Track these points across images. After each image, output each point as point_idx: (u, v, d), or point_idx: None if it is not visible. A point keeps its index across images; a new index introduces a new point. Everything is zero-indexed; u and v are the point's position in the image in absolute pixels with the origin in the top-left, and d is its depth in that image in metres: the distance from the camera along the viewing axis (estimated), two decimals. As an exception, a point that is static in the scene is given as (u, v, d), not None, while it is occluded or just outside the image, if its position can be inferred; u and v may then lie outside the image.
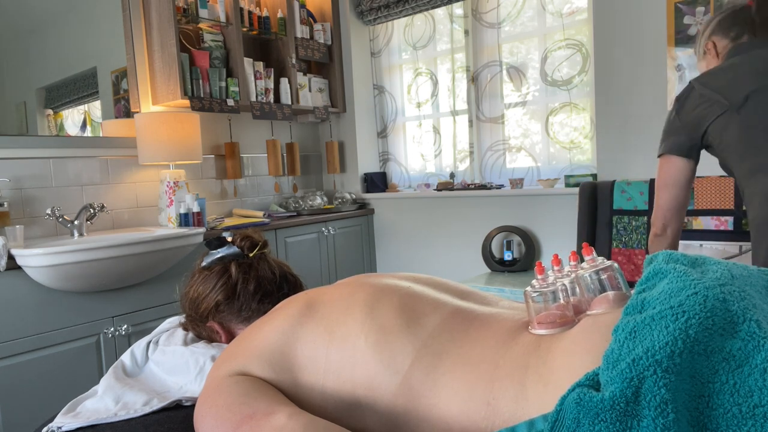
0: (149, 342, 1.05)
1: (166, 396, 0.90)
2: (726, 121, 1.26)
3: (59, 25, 2.37)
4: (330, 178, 3.61)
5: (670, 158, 1.38)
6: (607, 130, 2.52)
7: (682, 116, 1.35)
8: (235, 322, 1.01)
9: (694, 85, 1.33)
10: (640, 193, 2.29)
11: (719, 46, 1.41)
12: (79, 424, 0.85)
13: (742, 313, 0.52)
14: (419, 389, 0.64)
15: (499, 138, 3.06)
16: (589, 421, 0.47)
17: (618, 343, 0.51)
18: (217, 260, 1.02)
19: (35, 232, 2.26)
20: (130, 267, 2.02)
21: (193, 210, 2.50)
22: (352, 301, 0.73)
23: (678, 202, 1.40)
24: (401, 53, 3.42)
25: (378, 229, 3.42)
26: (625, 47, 2.43)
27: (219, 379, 0.73)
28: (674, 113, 1.37)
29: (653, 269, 0.62)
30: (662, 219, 1.42)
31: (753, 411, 0.46)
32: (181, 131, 2.47)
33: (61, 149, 2.33)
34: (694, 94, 1.33)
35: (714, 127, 1.29)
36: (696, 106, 1.31)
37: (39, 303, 1.91)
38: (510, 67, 2.98)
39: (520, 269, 2.79)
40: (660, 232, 1.44)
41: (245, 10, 2.92)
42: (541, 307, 0.64)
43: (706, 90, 1.30)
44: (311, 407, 0.69)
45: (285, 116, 3.10)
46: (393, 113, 3.50)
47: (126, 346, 2.10)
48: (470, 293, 0.79)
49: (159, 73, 2.63)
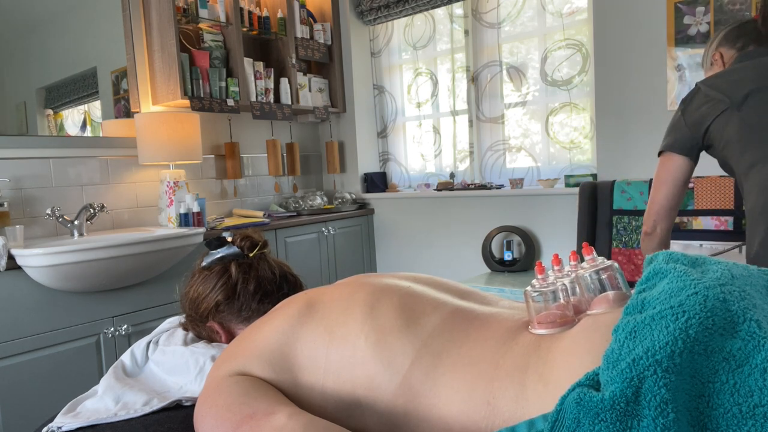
0: (149, 342, 1.05)
1: (166, 396, 0.90)
2: (727, 118, 1.29)
3: (59, 25, 2.37)
4: (330, 178, 3.61)
5: (671, 156, 1.40)
6: (607, 130, 2.52)
7: (686, 116, 1.37)
8: (235, 322, 1.01)
9: (700, 86, 1.36)
10: (640, 193, 2.29)
11: (726, 56, 1.44)
12: (79, 424, 0.85)
13: (743, 313, 0.52)
14: (419, 389, 0.63)
15: (499, 138, 3.06)
16: (590, 420, 0.47)
17: (618, 342, 0.51)
18: (217, 260, 1.02)
19: (35, 232, 2.26)
20: (130, 267, 2.02)
21: (193, 210, 2.50)
22: (352, 301, 0.73)
23: (672, 201, 1.41)
24: (401, 53, 3.42)
25: (378, 229, 3.42)
26: (625, 47, 2.43)
27: (219, 379, 0.73)
28: (680, 113, 1.39)
29: (653, 269, 0.62)
30: (654, 216, 1.43)
31: (753, 411, 0.46)
32: (181, 131, 2.47)
33: (61, 149, 2.33)
34: (699, 94, 1.35)
35: (715, 125, 1.31)
36: (700, 106, 1.34)
37: (39, 303, 1.91)
38: (510, 67, 2.98)
39: (520, 269, 2.79)
40: (650, 231, 1.44)
41: (245, 10, 2.92)
42: (542, 306, 0.64)
43: (711, 90, 1.32)
44: (311, 407, 0.69)
45: (285, 116, 3.10)
46: (393, 113, 3.50)
47: (126, 346, 2.10)
48: (470, 293, 0.79)
49: (159, 73, 2.63)
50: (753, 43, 1.40)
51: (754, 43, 1.40)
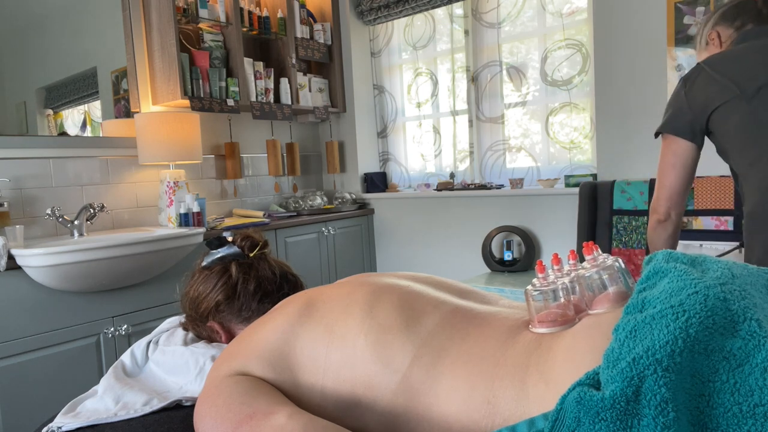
0: (149, 342, 1.05)
1: (166, 396, 0.90)
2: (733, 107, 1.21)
3: (59, 25, 2.37)
4: (330, 178, 3.61)
5: (675, 139, 1.31)
6: (607, 130, 2.52)
7: (689, 96, 1.28)
8: (235, 322, 1.01)
9: (703, 66, 1.27)
10: (640, 193, 2.29)
11: (723, 35, 1.36)
12: (79, 424, 0.85)
13: (743, 312, 0.52)
14: (419, 388, 0.63)
15: (499, 138, 3.06)
16: (590, 419, 0.47)
17: (618, 342, 0.51)
18: (217, 260, 1.02)
19: (35, 232, 2.26)
20: (130, 267, 2.02)
21: (193, 210, 2.50)
22: (351, 300, 0.73)
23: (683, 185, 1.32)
24: (401, 53, 3.42)
25: (378, 229, 3.42)
26: (625, 47, 2.43)
27: (219, 379, 0.73)
28: (681, 91, 1.29)
29: (653, 268, 0.62)
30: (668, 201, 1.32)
31: (753, 410, 0.46)
32: (181, 131, 2.47)
33: (61, 149, 2.33)
34: (704, 74, 1.27)
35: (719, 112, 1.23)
36: (705, 87, 1.26)
37: (39, 303, 1.91)
38: (510, 67, 2.98)
39: (520, 269, 2.79)
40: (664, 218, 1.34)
41: (245, 10, 2.92)
42: (542, 305, 0.64)
43: (717, 74, 1.24)
44: (311, 407, 0.69)
45: (285, 116, 3.10)
46: (393, 113, 3.50)
47: (126, 346, 2.10)
48: (470, 292, 0.79)
49: (159, 73, 2.63)
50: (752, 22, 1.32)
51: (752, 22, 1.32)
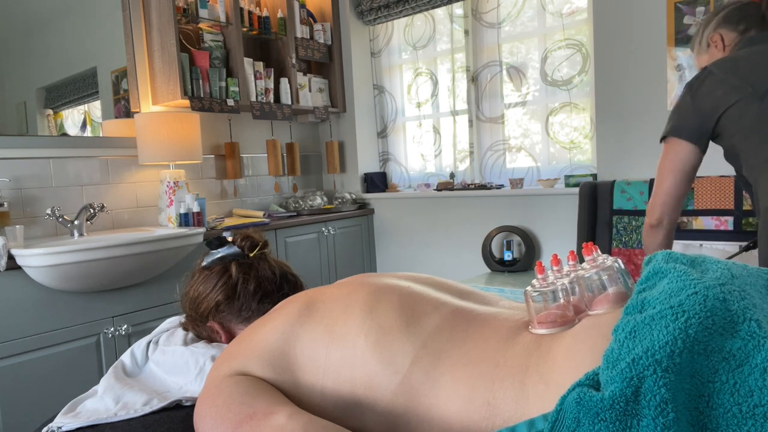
0: (149, 342, 1.05)
1: (166, 396, 0.90)
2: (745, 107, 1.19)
3: (59, 25, 2.37)
4: (330, 178, 3.61)
5: (679, 142, 1.29)
6: (607, 130, 2.52)
7: (696, 101, 1.26)
8: (235, 322, 1.01)
9: (711, 69, 1.26)
10: (640, 193, 2.29)
11: (727, 39, 1.35)
12: (79, 424, 0.85)
13: (742, 313, 0.52)
14: (419, 389, 0.63)
15: (499, 138, 3.06)
16: (590, 420, 0.47)
17: (618, 342, 0.51)
18: (217, 260, 1.02)
19: (35, 232, 2.26)
20: (130, 267, 2.02)
21: (193, 210, 2.50)
22: (351, 300, 0.73)
23: (680, 192, 1.31)
24: (401, 53, 3.42)
25: (378, 229, 3.42)
26: (625, 47, 2.43)
27: (219, 379, 0.73)
28: (688, 97, 1.28)
29: (653, 268, 0.62)
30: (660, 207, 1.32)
31: (753, 411, 0.46)
32: (181, 131, 2.47)
33: (61, 149, 2.33)
34: (711, 78, 1.25)
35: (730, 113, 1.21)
36: (713, 90, 1.24)
37: (39, 303, 1.91)
38: (510, 67, 2.98)
39: (520, 269, 2.79)
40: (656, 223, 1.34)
41: (245, 10, 2.92)
42: (542, 306, 0.64)
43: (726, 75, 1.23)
44: (311, 407, 0.69)
45: (285, 116, 3.10)
46: (393, 113, 3.50)
47: (126, 346, 2.10)
48: (470, 293, 0.79)
49: (159, 73, 2.63)
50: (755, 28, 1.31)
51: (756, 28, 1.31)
